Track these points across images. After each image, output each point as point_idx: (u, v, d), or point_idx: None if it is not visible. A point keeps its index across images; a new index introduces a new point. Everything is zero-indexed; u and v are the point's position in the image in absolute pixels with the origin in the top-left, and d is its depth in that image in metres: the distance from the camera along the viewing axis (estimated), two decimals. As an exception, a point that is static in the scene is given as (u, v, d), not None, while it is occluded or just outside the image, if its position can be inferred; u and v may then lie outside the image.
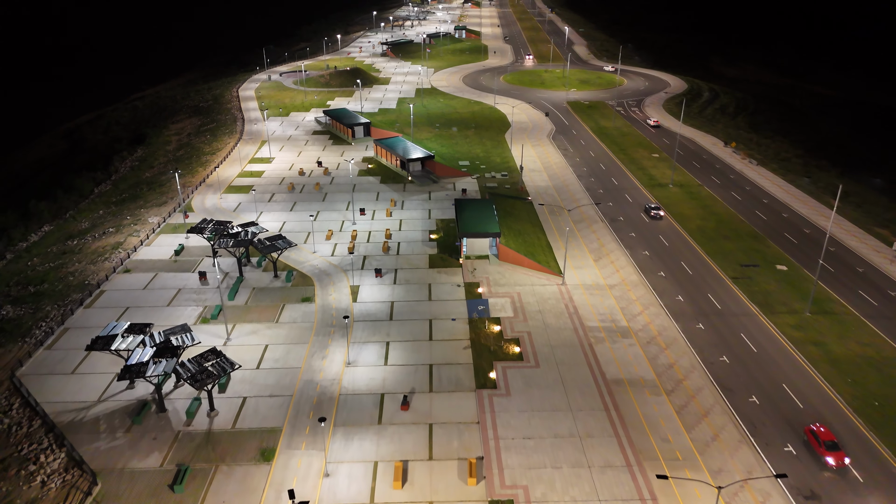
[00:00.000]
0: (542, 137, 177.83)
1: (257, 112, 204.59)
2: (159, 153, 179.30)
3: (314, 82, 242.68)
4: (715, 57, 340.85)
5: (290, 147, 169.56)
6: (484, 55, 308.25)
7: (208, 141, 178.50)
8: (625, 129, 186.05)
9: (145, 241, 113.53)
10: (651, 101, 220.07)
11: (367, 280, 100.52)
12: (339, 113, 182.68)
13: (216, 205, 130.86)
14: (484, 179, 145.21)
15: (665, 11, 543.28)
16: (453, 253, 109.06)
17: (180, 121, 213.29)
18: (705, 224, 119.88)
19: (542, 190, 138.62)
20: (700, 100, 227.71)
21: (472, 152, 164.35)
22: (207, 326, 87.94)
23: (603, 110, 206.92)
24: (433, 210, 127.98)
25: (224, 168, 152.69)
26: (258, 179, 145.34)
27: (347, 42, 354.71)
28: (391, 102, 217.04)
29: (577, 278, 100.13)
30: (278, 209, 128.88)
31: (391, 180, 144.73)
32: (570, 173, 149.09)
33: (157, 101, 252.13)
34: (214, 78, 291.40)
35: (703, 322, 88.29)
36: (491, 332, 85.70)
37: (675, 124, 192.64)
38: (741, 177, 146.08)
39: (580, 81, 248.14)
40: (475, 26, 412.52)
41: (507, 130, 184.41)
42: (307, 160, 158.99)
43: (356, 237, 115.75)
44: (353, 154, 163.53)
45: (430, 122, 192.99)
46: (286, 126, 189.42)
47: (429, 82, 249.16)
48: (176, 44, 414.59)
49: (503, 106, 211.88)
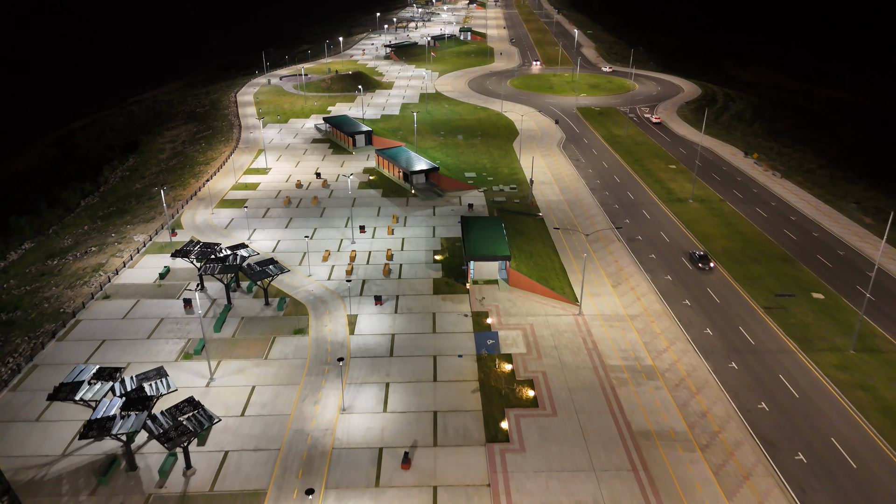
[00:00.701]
0: (551, 146, 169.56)
1: (255, 118, 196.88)
2: (151, 162, 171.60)
3: (315, 87, 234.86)
4: (727, 60, 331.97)
5: (288, 156, 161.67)
6: (490, 58, 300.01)
7: (203, 150, 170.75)
8: (638, 137, 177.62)
9: (128, 263, 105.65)
10: (664, 107, 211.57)
11: (365, 308, 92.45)
12: (340, 120, 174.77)
13: (207, 221, 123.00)
14: (491, 193, 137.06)
15: (673, 13, 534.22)
16: (459, 277, 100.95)
17: (175, 127, 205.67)
18: (731, 245, 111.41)
19: (554, 205, 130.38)
20: (715, 105, 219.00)
21: (479, 163, 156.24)
22: (190, 364, 79.95)
23: (615, 117, 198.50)
24: (438, 227, 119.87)
25: (217, 180, 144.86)
26: (253, 193, 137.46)
27: (350, 44, 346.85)
28: (394, 108, 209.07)
29: (595, 307, 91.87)
30: (273, 226, 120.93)
31: (393, 193, 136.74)
32: (582, 186, 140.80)
33: (154, 105, 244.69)
34: (213, 81, 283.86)
35: (736, 360, 79.95)
36: (502, 371, 77.53)
37: (691, 132, 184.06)
38: (765, 191, 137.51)
39: (590, 86, 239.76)
40: (481, 28, 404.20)
41: (515, 138, 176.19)
42: (305, 171, 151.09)
43: (355, 258, 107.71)
44: (354, 164, 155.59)
45: (435, 129, 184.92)
46: (285, 133, 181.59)
47: (433, 87, 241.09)
48: (178, 46, 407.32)
49: (511, 112, 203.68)
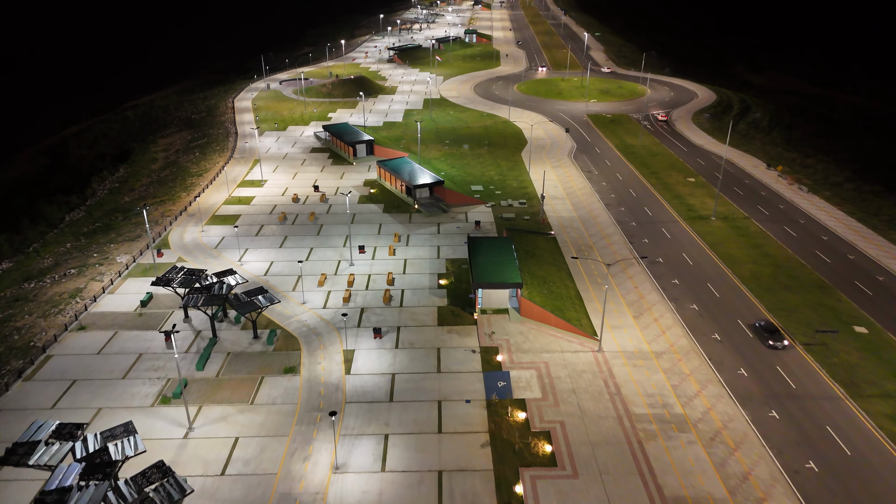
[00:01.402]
0: (562, 157, 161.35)
1: (252, 125, 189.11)
2: (143, 173, 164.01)
3: (315, 91, 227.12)
4: (740, 64, 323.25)
5: (286, 167, 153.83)
6: (496, 61, 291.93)
7: (196, 159, 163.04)
8: (653, 147, 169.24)
9: (108, 289, 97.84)
10: (679, 114, 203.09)
11: (363, 341, 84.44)
12: (340, 129, 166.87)
13: (196, 240, 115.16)
14: (499, 208, 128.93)
15: (682, 15, 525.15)
16: (466, 305, 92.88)
17: (170, 134, 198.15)
18: (760, 269, 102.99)
19: (567, 222, 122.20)
20: (731, 113, 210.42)
21: (486, 175, 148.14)
22: (167, 410, 72.04)
23: (627, 125, 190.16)
24: (443, 247, 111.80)
25: (209, 193, 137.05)
26: (246, 208, 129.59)
27: (353, 47, 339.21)
28: (397, 115, 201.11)
29: (616, 342, 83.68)
30: (266, 245, 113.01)
31: (395, 209, 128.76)
32: (596, 201, 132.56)
33: (150, 111, 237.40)
34: (211, 86, 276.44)
35: (777, 408, 71.65)
36: (515, 421, 69.38)
37: (709, 141, 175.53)
38: (792, 207, 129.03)
39: (600, 91, 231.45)
40: (486, 30, 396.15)
41: (523, 148, 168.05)
42: (303, 183, 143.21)
43: (353, 282, 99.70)
44: (354, 176, 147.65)
45: (439, 138, 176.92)
46: (283, 142, 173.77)
47: (438, 92, 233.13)
48: (178, 48, 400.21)
49: (518, 119, 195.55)
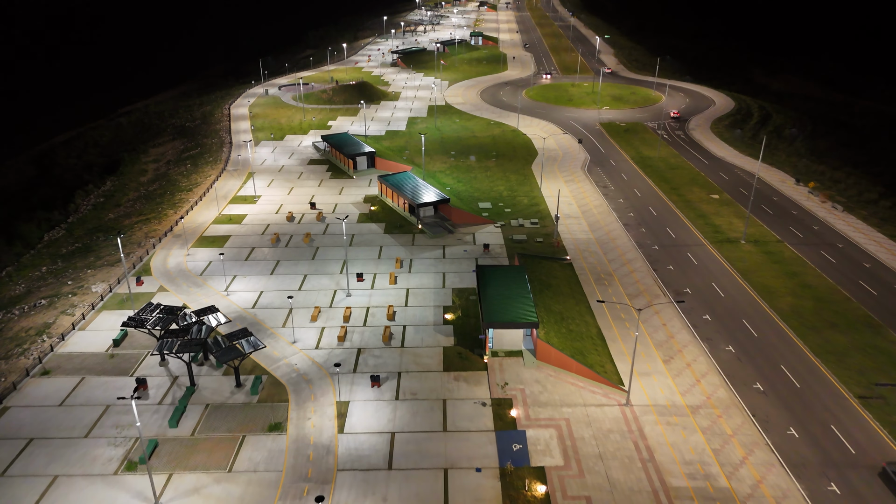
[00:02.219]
0: (575, 170, 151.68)
1: (248, 135, 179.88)
2: (130, 186, 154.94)
3: (315, 98, 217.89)
4: (755, 68, 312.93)
5: (281, 181, 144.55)
6: (503, 65, 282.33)
7: (187, 172, 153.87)
8: (672, 159, 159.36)
9: (79, 324, 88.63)
10: (697, 122, 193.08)
11: (360, 391, 75.00)
12: (340, 140, 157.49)
13: (180, 265, 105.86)
14: (510, 229, 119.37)
15: (688, 17, 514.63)
16: (475, 345, 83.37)
17: (162, 143, 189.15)
18: (800, 303, 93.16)
19: (583, 245, 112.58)
20: (751, 121, 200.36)
21: (494, 190, 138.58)
22: (132, 479, 62.66)
23: (643, 135, 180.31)
24: (448, 274, 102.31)
25: (199, 211, 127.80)
26: (237, 228, 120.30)
27: (355, 50, 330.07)
28: (400, 123, 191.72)
29: (645, 392, 74.03)
30: (256, 271, 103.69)
31: (397, 228, 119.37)
32: (613, 220, 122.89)
33: (144, 117, 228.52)
34: (209, 90, 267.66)
35: (836, 479, 61.93)
36: (533, 496, 59.85)
37: (731, 153, 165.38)
38: (827, 228, 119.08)
39: (612, 98, 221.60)
40: (492, 32, 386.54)
41: (533, 160, 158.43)
42: (299, 199, 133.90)
43: (350, 317, 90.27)
44: (354, 191, 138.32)
45: (444, 148, 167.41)
46: (279, 153, 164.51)
47: (442, 98, 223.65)
48: (180, 52, 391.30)
49: (528, 128, 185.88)
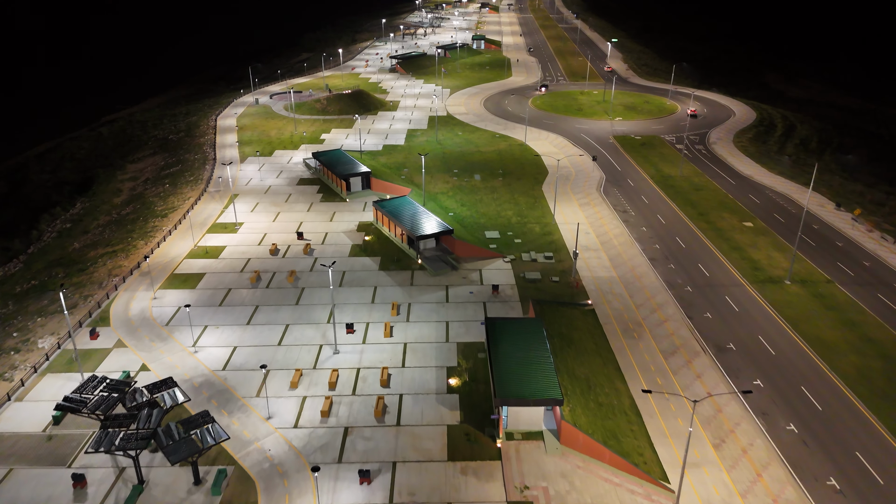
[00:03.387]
0: (590, 191, 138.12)
1: (234, 150, 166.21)
2: (102, 209, 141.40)
3: (309, 108, 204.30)
4: (769, 72, 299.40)
5: (267, 204, 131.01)
6: (507, 71, 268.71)
7: (165, 193, 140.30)
8: (696, 178, 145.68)
9: (16, 394, 75.05)
10: (718, 135, 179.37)
11: (346, 490, 61.39)
12: (332, 158, 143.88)
13: (145, 311, 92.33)
14: (521, 264, 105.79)
15: (694, 19, 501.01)
16: (486, 423, 69.84)
17: (142, 158, 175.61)
18: (866, 363, 79.53)
19: (605, 285, 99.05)
20: (775, 132, 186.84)
21: (502, 215, 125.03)
22: None
23: (661, 149, 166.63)
24: (453, 324, 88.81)
25: (172, 242, 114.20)
26: (213, 263, 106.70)
27: (352, 54, 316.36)
28: (399, 136, 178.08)
29: (696, 493, 60.45)
30: (231, 320, 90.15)
31: (394, 263, 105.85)
32: (637, 253, 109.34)
33: (127, 127, 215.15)
34: (198, 97, 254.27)
35: None
36: None
37: (759, 171, 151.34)
38: (879, 264, 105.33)
39: (625, 107, 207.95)
40: (494, 35, 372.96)
41: (544, 179, 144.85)
42: (285, 228, 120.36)
43: (336, 382, 76.79)
44: (347, 216, 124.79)
45: (447, 165, 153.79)
46: (267, 171, 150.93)
47: (444, 107, 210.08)
48: (175, 54, 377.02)
49: (536, 141, 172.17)
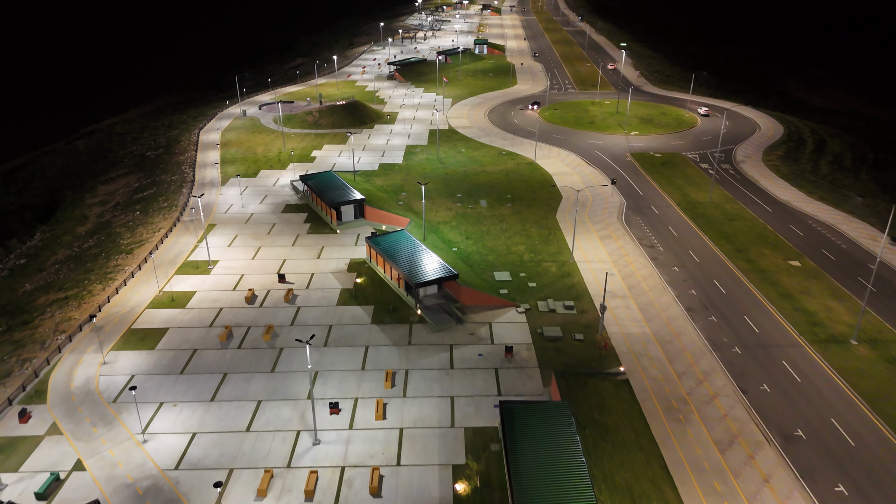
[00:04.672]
0: (610, 219, 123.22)
1: (216, 170, 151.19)
2: (63, 241, 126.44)
3: (299, 120, 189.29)
4: (787, 79, 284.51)
5: (247, 237, 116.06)
6: (511, 78, 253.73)
7: (134, 223, 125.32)
8: (727, 205, 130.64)
9: (-88, 506, 60.35)
10: (745, 152, 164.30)
11: None
12: (322, 182, 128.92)
13: (91, 381, 77.42)
14: (537, 316, 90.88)
15: (704, 19, 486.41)
16: (503, 551, 55.05)
17: (115, 178, 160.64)
18: (971, 461, 64.81)
19: (637, 344, 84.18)
20: (805, 149, 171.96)
21: (513, 251, 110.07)
22: None
23: (684, 169, 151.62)
24: (459, 399, 73.95)
25: (134, 286, 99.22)
26: (179, 314, 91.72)
27: (349, 60, 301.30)
28: (397, 153, 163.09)
29: None
30: (192, 394, 75.22)
31: (389, 314, 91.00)
32: (671, 301, 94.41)
33: (105, 139, 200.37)
34: (184, 106, 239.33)
35: None
36: None
37: (797, 195, 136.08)
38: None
39: (640, 120, 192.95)
40: (497, 38, 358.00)
41: (557, 205, 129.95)
42: (266, 267, 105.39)
43: (315, 490, 61.89)
44: (337, 252, 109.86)
45: (449, 189, 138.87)
46: (250, 195, 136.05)
47: (445, 119, 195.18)
48: (167, 60, 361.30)
49: (546, 159, 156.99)
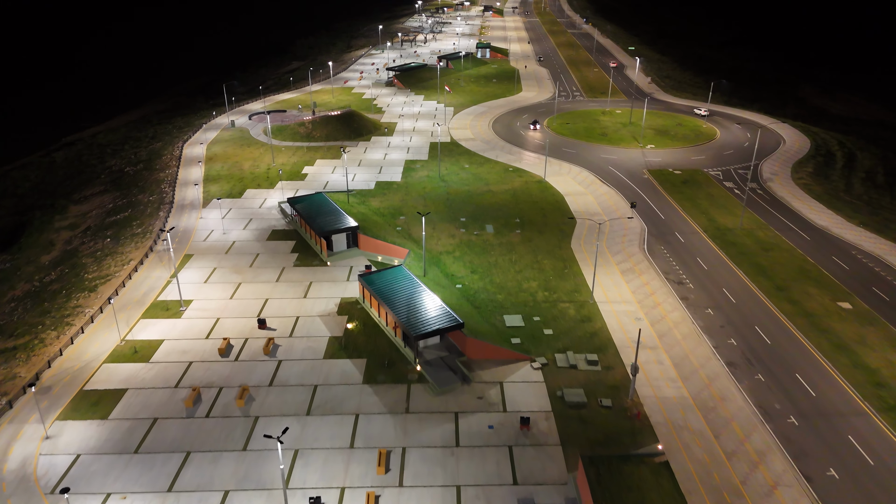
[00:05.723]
0: (631, 249, 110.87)
1: (197, 190, 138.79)
2: (24, 272, 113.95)
3: (291, 133, 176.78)
4: (803, 85, 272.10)
5: (226, 271, 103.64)
6: (516, 85, 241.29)
7: (103, 252, 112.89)
8: (760, 232, 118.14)
9: None
10: (772, 168, 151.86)
11: None
12: (312, 207, 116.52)
13: (28, 462, 65.02)
14: (556, 373, 78.50)
15: (711, 20, 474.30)
16: None
17: (89, 198, 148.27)
18: None
19: (674, 410, 71.79)
20: (835, 164, 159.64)
21: (524, 288, 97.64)
22: None
23: (707, 188, 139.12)
24: (466, 488, 61.57)
25: (93, 334, 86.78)
26: (141, 369, 79.31)
27: (346, 65, 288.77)
28: (395, 170, 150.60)
29: None
30: (146, 483, 62.71)
31: (384, 370, 78.66)
32: (708, 353, 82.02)
33: (85, 152, 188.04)
34: (172, 114, 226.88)
35: None
36: None
37: (835, 220, 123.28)
38: None
39: (655, 132, 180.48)
40: (500, 41, 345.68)
41: (572, 232, 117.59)
42: (245, 309, 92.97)
43: None
44: (326, 290, 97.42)
45: (451, 211, 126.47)
46: (233, 218, 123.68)
47: (447, 130, 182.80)
48: (163, 64, 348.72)
49: (556, 177, 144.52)
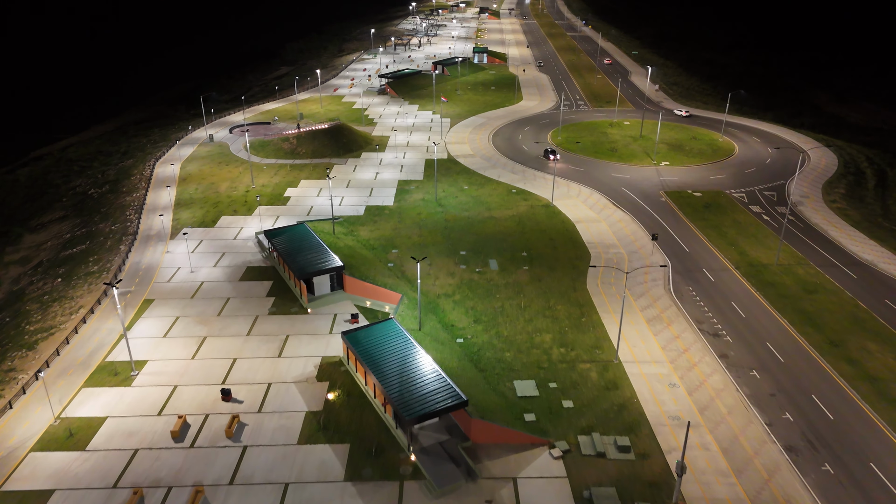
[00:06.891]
0: (656, 291, 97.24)
1: (167, 214, 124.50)
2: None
3: (274, 149, 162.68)
4: (816, 91, 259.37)
5: (190, 321, 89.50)
6: (517, 93, 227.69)
7: (52, 296, 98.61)
8: (799, 269, 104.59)
9: None
10: (800, 188, 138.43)
11: None
12: (292, 241, 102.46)
13: None
14: (580, 463, 64.75)
15: (715, 22, 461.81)
16: None
17: (47, 225, 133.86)
18: None
19: (728, 517, 58.28)
20: (866, 183, 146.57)
21: (536, 343, 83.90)
22: None
23: (733, 214, 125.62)
24: None
25: (23, 409, 72.53)
26: (74, 461, 65.17)
27: (336, 70, 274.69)
28: (387, 192, 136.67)
29: None
30: None
31: (373, 457, 64.83)
32: (761, 434, 68.46)
33: (52, 168, 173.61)
34: (149, 125, 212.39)
35: None
36: None
37: (882, 254, 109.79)
38: None
39: (668, 146, 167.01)
40: (497, 45, 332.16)
41: (585, 267, 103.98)
42: (209, 372, 78.80)
43: None
44: (305, 347, 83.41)
45: (450, 243, 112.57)
46: (204, 252, 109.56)
47: (444, 145, 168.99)
48: (141, 71, 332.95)
49: (564, 200, 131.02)
